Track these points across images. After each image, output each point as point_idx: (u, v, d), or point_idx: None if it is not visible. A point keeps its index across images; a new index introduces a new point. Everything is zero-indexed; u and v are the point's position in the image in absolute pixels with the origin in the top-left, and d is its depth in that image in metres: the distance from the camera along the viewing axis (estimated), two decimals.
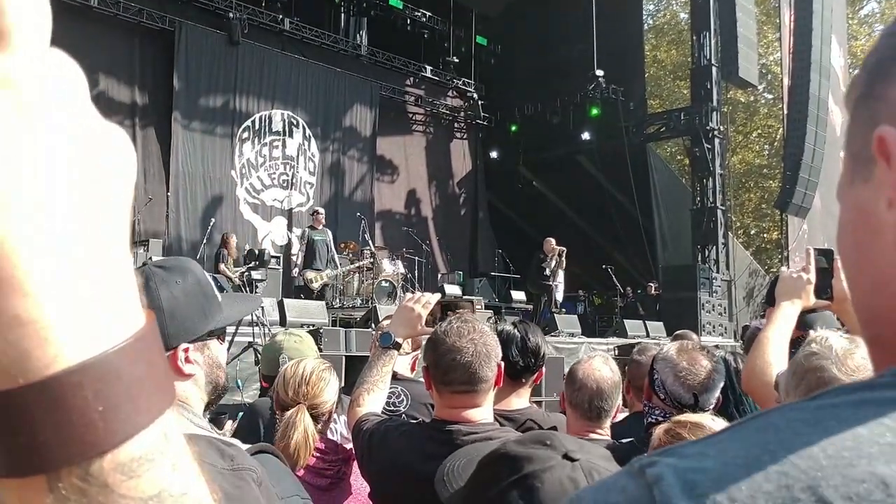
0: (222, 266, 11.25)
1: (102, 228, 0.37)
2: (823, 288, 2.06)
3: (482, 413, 1.93)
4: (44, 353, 0.34)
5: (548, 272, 13.34)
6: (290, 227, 16.01)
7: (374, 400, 2.19)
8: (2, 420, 0.34)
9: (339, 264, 12.41)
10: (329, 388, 2.29)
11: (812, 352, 1.46)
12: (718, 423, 1.56)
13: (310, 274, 11.43)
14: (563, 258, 13.38)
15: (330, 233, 12.25)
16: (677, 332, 4.52)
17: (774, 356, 1.94)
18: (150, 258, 1.45)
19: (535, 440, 1.08)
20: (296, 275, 11.73)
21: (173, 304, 1.37)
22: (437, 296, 2.34)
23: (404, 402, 2.89)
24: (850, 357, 1.43)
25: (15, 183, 0.34)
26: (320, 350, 5.00)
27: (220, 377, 1.50)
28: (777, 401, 1.55)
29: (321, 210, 12.43)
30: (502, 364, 1.96)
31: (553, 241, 13.45)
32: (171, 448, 0.38)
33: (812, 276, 2.05)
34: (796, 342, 1.93)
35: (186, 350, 1.41)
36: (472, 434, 1.85)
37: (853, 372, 1.40)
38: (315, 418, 2.22)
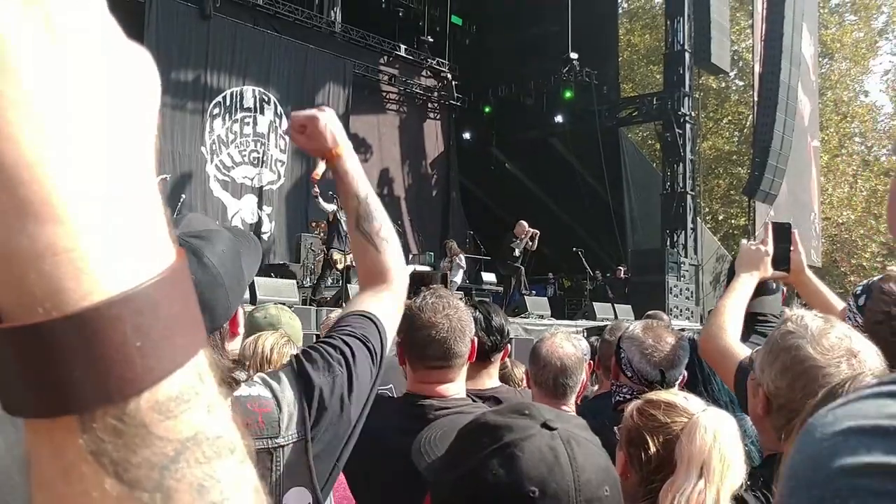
0: None
1: (135, 154, 0.35)
2: (781, 259, 2.14)
3: (455, 388, 1.96)
4: (79, 285, 0.32)
5: (517, 253, 13.39)
6: (260, 206, 15.87)
7: None
8: (33, 356, 0.32)
9: None
10: None
11: (788, 330, 1.49)
12: (692, 402, 1.58)
13: (336, 255, 11.25)
14: (535, 241, 13.43)
15: None
16: (648, 312, 4.53)
17: (728, 322, 2.01)
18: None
19: (514, 410, 1.09)
20: (328, 254, 11.45)
21: (226, 272, 1.32)
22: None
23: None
24: (825, 336, 1.46)
25: (51, 106, 0.32)
26: None
27: None
28: (752, 378, 1.58)
29: None
30: (475, 339, 1.98)
31: (525, 223, 13.48)
32: (206, 389, 0.36)
33: (770, 249, 2.12)
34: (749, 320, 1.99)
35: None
36: (445, 409, 1.88)
37: (827, 351, 1.43)
38: None
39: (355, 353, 1.40)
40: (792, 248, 2.16)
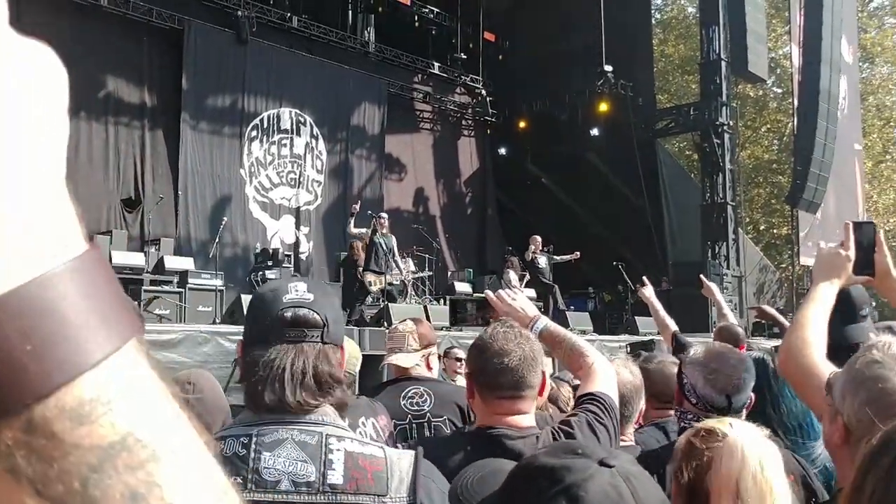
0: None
1: (20, 151, 0.31)
2: (865, 263, 1.98)
3: (527, 420, 1.89)
4: None
5: (542, 266, 13.46)
6: (297, 226, 15.98)
7: None
8: None
9: (401, 270, 12.18)
10: None
11: (873, 359, 1.40)
12: (737, 429, 1.48)
13: (370, 276, 11.19)
14: (551, 254, 13.58)
15: (394, 238, 11.75)
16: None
17: (812, 336, 1.87)
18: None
19: (567, 450, 1.06)
20: (362, 276, 11.41)
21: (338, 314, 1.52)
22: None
23: (428, 402, 2.86)
24: None
25: None
26: None
27: None
28: (829, 404, 1.49)
29: (384, 215, 11.85)
30: (546, 372, 1.92)
31: (539, 238, 13.59)
32: (134, 388, 0.33)
33: (851, 253, 1.97)
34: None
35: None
36: (521, 438, 1.81)
37: None
38: None
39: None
40: (876, 250, 1.99)
